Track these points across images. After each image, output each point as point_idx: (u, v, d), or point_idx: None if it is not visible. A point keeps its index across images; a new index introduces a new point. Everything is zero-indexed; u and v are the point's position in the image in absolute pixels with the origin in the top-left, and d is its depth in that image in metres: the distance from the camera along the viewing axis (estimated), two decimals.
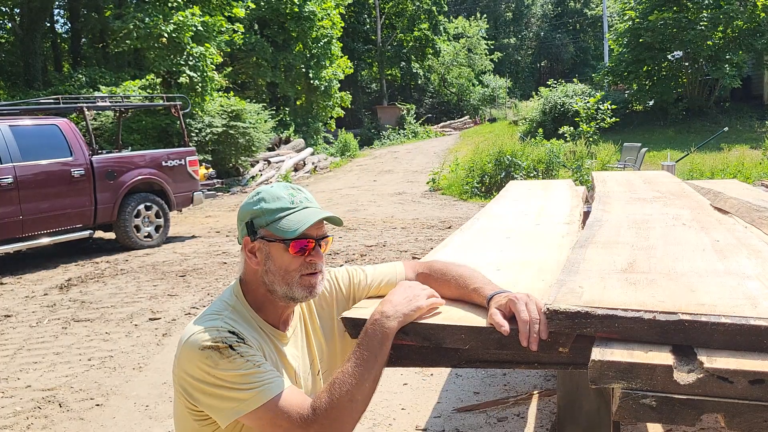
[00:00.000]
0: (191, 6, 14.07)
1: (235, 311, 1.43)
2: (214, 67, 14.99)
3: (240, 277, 1.50)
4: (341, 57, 23.62)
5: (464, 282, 1.52)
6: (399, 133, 28.05)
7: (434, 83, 37.13)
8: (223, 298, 1.47)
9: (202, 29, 14.13)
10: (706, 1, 18.45)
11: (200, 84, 14.23)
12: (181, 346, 1.36)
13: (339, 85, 23.61)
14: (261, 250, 1.42)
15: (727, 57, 18.08)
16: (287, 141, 20.26)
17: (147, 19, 13.53)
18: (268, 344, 1.44)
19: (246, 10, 16.89)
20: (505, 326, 1.29)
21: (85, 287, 6.34)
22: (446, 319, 1.39)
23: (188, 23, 13.72)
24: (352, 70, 24.75)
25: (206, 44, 14.44)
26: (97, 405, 3.61)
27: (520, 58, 44.43)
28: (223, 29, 15.35)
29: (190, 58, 14.03)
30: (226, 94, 16.57)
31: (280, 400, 1.28)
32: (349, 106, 25.14)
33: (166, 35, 13.42)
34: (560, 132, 15.55)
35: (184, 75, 13.83)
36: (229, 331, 1.33)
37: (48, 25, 20.19)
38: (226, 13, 15.57)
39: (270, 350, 1.43)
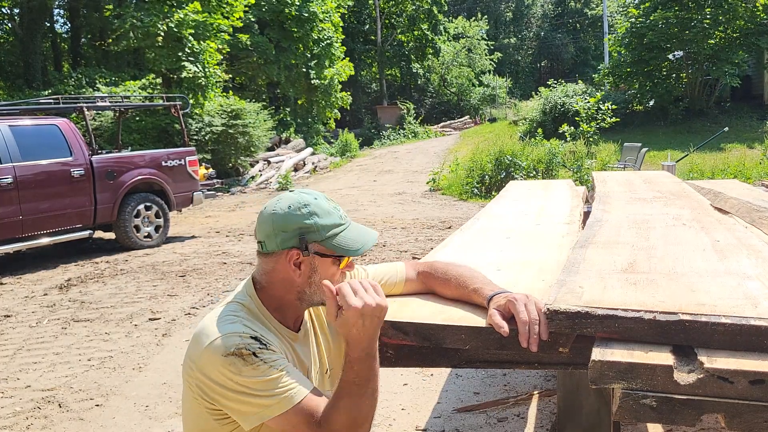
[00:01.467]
0: (191, 2, 14.06)
1: (249, 312, 1.43)
2: (216, 62, 15.00)
3: (254, 278, 1.49)
4: (343, 59, 23.61)
5: (464, 282, 1.52)
6: (399, 133, 28.04)
7: (434, 83, 37.12)
8: (237, 298, 1.46)
9: (202, 23, 14.13)
10: (707, 2, 18.45)
11: (202, 78, 14.23)
12: (201, 350, 1.33)
13: (340, 86, 23.60)
14: (308, 263, 1.41)
15: (728, 57, 18.08)
16: (287, 141, 20.26)
17: (146, 18, 13.53)
18: (285, 345, 1.45)
19: (246, 10, 16.87)
20: (504, 327, 1.29)
21: (85, 287, 6.34)
22: (446, 319, 1.39)
23: (188, 20, 13.72)
24: (352, 72, 24.75)
25: (207, 41, 14.45)
26: (97, 405, 3.61)
27: (520, 58, 44.43)
28: (223, 28, 15.35)
29: (191, 55, 14.04)
30: (225, 94, 16.57)
31: (302, 406, 1.30)
32: (348, 107, 25.14)
33: (162, 33, 13.41)
34: (560, 132, 15.55)
35: (187, 69, 13.83)
36: (252, 337, 1.33)
37: (48, 24, 20.20)
38: (225, 13, 15.56)
39: (288, 351, 1.44)
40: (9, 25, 19.11)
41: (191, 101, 13.40)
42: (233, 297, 1.48)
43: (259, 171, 16.33)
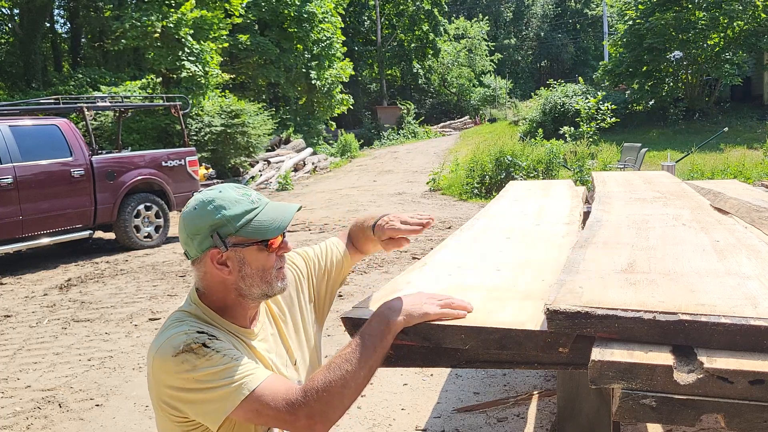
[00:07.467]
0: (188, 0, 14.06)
1: (197, 318, 1.39)
2: (216, 62, 15.00)
3: (195, 286, 1.45)
4: (343, 60, 23.60)
5: (361, 224, 1.74)
6: (399, 133, 28.05)
7: (434, 83, 37.14)
8: (182, 308, 1.43)
9: (200, 22, 14.13)
10: (705, 4, 18.45)
11: (202, 77, 14.23)
12: (152, 361, 1.30)
13: (340, 87, 23.60)
14: (233, 258, 1.37)
15: (728, 57, 18.08)
16: (287, 141, 20.26)
17: (144, 18, 13.54)
18: (238, 342, 1.41)
19: (245, 13, 16.88)
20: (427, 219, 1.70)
21: (85, 287, 6.34)
22: (446, 319, 1.39)
23: (187, 19, 13.73)
24: (353, 72, 24.75)
25: (207, 41, 14.46)
26: (97, 405, 3.61)
27: (520, 59, 44.45)
28: (222, 25, 15.32)
29: (191, 55, 14.05)
30: (224, 94, 16.57)
31: (263, 389, 1.25)
32: (350, 106, 25.15)
33: (159, 31, 13.42)
34: (560, 132, 15.57)
35: (186, 69, 13.82)
36: (198, 331, 1.30)
37: (48, 25, 20.20)
38: (224, 6, 15.51)
39: (241, 347, 1.40)
40: (9, 25, 19.11)
41: (191, 101, 13.41)
42: (178, 308, 1.45)
43: (259, 171, 16.33)
